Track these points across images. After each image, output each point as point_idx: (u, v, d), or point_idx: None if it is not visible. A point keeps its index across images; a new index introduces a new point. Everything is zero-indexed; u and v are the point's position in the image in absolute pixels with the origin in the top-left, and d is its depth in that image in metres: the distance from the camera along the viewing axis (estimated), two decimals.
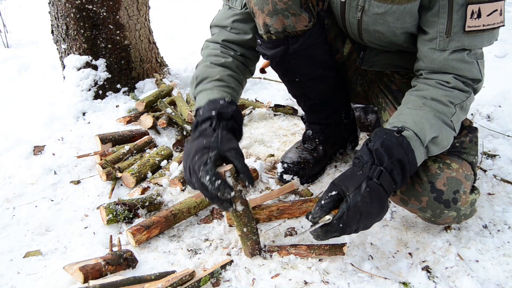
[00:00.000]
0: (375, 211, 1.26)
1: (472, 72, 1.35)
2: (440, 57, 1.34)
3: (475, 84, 1.38)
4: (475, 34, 1.29)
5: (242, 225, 1.39)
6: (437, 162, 1.41)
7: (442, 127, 1.32)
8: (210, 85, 1.49)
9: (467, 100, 1.36)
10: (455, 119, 1.34)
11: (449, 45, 1.32)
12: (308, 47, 1.56)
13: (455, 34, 1.30)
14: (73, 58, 2.65)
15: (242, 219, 1.38)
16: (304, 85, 1.74)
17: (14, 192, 1.90)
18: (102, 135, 2.17)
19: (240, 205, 1.35)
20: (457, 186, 1.40)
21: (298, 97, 1.88)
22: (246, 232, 1.41)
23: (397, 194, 1.49)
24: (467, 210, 1.45)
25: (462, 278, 1.37)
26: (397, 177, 1.26)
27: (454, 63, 1.33)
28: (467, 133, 1.49)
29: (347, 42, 1.70)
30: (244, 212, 1.37)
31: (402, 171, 1.26)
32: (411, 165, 1.27)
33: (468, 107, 1.39)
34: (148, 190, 1.89)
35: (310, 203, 1.66)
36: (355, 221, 1.23)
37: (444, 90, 1.35)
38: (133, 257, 1.47)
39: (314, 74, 1.69)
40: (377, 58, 1.67)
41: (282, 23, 1.47)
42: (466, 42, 1.30)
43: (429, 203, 1.41)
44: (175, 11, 5.20)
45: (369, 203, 1.23)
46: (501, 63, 3.20)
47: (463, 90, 1.35)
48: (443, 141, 1.33)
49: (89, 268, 1.37)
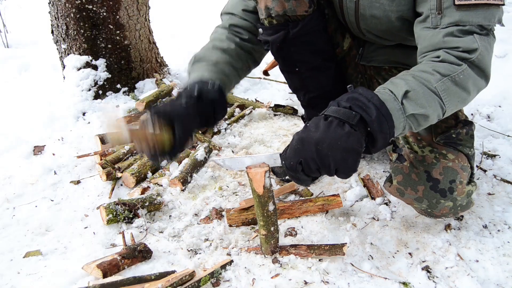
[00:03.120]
0: (320, 134, 1.12)
1: (465, 43, 1.23)
2: (433, 36, 1.29)
3: (472, 55, 1.23)
4: (467, 8, 1.23)
5: (270, 224, 1.40)
6: (433, 153, 1.44)
7: (419, 85, 1.20)
8: (204, 67, 1.50)
9: (460, 73, 1.22)
10: (440, 87, 1.21)
11: (441, 22, 1.27)
12: (308, 32, 1.58)
13: (446, 10, 1.26)
14: (73, 58, 2.65)
15: (272, 218, 1.39)
16: (304, 76, 1.75)
17: (14, 192, 1.90)
18: (102, 135, 2.17)
19: (272, 205, 1.37)
20: (453, 176, 1.41)
21: (298, 91, 1.89)
22: (273, 231, 1.42)
23: (393, 184, 1.51)
24: (464, 200, 1.47)
25: (462, 278, 1.37)
26: (357, 108, 1.14)
27: (446, 38, 1.26)
28: (463, 125, 1.49)
29: (346, 37, 1.72)
30: (274, 212, 1.39)
31: (361, 105, 1.15)
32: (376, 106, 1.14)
33: (467, 84, 1.24)
34: (148, 190, 1.89)
35: (310, 203, 1.66)
36: (297, 148, 1.15)
37: (432, 63, 1.26)
38: (147, 249, 1.51)
39: (314, 63, 1.70)
40: (375, 54, 1.69)
41: (282, 6, 1.49)
42: (459, 17, 1.24)
43: (425, 192, 1.43)
44: (175, 11, 5.20)
45: (310, 128, 1.14)
46: (501, 63, 3.19)
47: (453, 62, 1.23)
48: (420, 99, 1.19)
49: (106, 264, 1.40)
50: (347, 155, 1.09)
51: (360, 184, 1.86)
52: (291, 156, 1.16)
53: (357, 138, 1.10)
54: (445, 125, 1.50)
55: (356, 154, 1.10)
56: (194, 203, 1.81)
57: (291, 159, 1.16)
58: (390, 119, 1.14)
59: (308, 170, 1.14)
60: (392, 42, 1.62)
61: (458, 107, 1.28)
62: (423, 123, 1.22)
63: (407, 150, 1.51)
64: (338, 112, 1.13)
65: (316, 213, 1.67)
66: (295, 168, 1.15)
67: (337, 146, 1.09)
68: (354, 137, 1.10)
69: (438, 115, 1.23)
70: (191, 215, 1.73)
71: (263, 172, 1.27)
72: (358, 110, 1.13)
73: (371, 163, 2.03)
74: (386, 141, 1.16)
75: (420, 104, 1.18)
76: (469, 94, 1.26)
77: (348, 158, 1.10)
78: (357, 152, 1.10)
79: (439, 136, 1.48)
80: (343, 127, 1.11)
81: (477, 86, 1.27)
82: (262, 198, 1.33)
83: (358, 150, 1.10)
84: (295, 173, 1.16)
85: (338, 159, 1.10)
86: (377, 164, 2.01)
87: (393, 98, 1.16)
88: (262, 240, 1.45)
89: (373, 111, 1.13)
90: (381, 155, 2.09)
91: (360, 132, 1.12)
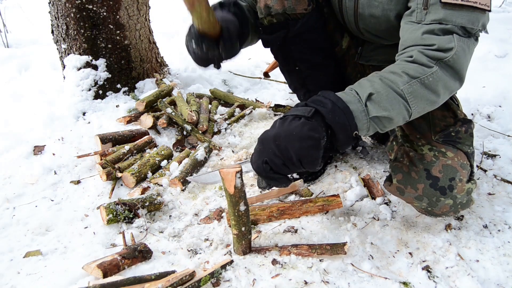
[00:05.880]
0: (276, 130, 1.16)
1: (441, 41, 1.23)
2: (414, 30, 1.29)
3: (446, 54, 1.22)
4: (453, 8, 1.23)
5: (241, 224, 1.41)
6: (432, 151, 1.45)
7: (384, 88, 1.21)
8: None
9: (429, 76, 1.21)
10: (407, 90, 1.20)
11: (426, 18, 1.27)
12: (308, 30, 1.59)
13: (432, 6, 1.26)
14: (73, 58, 2.65)
15: (243, 218, 1.40)
16: (304, 74, 1.76)
17: (14, 192, 1.90)
18: (102, 135, 2.17)
19: (243, 205, 1.38)
20: (452, 174, 1.41)
21: (298, 90, 1.90)
22: (244, 232, 1.43)
23: (393, 183, 1.51)
24: (464, 198, 1.47)
25: (462, 278, 1.37)
26: (312, 104, 1.18)
27: (425, 35, 1.26)
28: (462, 124, 1.50)
29: (345, 36, 1.73)
30: (246, 212, 1.40)
31: (317, 101, 1.19)
32: (332, 100, 1.17)
33: (436, 86, 1.23)
34: (148, 190, 1.89)
35: (310, 203, 1.66)
36: (259, 149, 1.20)
37: (403, 64, 1.25)
38: (147, 249, 1.52)
39: (313, 61, 1.71)
40: (374, 53, 1.69)
41: (282, 4, 1.51)
42: (443, 15, 1.24)
43: (425, 190, 1.43)
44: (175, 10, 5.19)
45: (269, 129, 1.20)
46: (501, 63, 3.19)
47: (423, 64, 1.22)
48: (383, 102, 1.19)
49: (106, 264, 1.40)
50: (304, 143, 1.11)
51: (360, 184, 1.86)
52: (256, 158, 1.21)
53: (311, 126, 1.12)
54: (444, 123, 1.50)
55: (314, 140, 1.12)
56: (194, 203, 1.81)
57: (256, 161, 1.21)
58: (347, 111, 1.17)
59: (276, 167, 1.17)
60: (390, 42, 1.62)
61: (426, 109, 1.28)
62: (387, 125, 1.24)
63: (407, 149, 1.51)
64: (294, 111, 1.17)
65: (316, 213, 1.67)
66: (262, 169, 1.19)
67: (292, 136, 1.12)
68: (308, 126, 1.12)
69: (404, 117, 1.24)
70: (191, 215, 1.73)
71: (234, 172, 1.30)
72: (312, 105, 1.17)
73: (371, 163, 2.03)
74: (348, 133, 1.17)
75: (383, 107, 1.20)
76: (439, 97, 1.26)
77: (305, 146, 1.11)
78: (314, 138, 1.11)
79: (438, 134, 1.48)
80: (298, 120, 1.14)
81: (449, 88, 1.26)
82: (233, 198, 1.35)
83: (314, 136, 1.11)
84: (266, 173, 1.19)
85: (297, 149, 1.11)
86: (377, 164, 2.01)
87: (358, 99, 1.19)
88: (234, 239, 1.46)
89: (328, 104, 1.16)
90: (381, 155, 2.09)
91: (317, 122, 1.14)
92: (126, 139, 2.23)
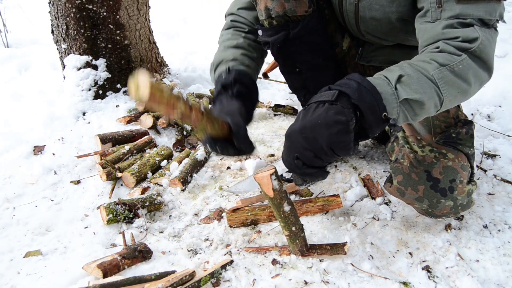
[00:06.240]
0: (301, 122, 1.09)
1: (464, 33, 1.20)
2: (433, 28, 1.27)
3: (472, 44, 1.19)
4: (468, 2, 1.22)
5: (290, 224, 1.38)
6: (433, 152, 1.44)
7: (414, 72, 1.16)
8: (226, 65, 1.51)
9: (459, 63, 1.18)
10: (438, 75, 1.16)
11: (442, 16, 1.25)
12: (308, 32, 1.58)
13: (447, 3, 1.24)
14: (73, 58, 2.65)
15: (290, 218, 1.37)
16: (304, 76, 1.75)
17: (14, 192, 1.90)
18: (102, 135, 2.17)
19: (287, 205, 1.34)
20: (453, 175, 1.41)
21: (298, 91, 1.89)
22: (295, 231, 1.40)
23: (393, 184, 1.51)
24: (464, 200, 1.47)
25: (462, 278, 1.37)
26: (335, 87, 1.12)
27: (445, 30, 1.23)
28: (463, 125, 1.49)
29: (346, 37, 1.72)
30: (291, 212, 1.37)
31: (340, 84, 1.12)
32: (357, 81, 1.11)
33: (466, 74, 1.19)
34: (148, 190, 1.89)
35: (310, 203, 1.66)
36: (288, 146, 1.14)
37: (430, 53, 1.22)
38: (147, 249, 1.51)
39: (314, 62, 1.70)
40: (374, 54, 1.69)
41: (283, 7, 1.50)
42: (459, 10, 1.22)
43: (426, 192, 1.43)
44: (175, 10, 5.19)
45: (293, 123, 1.13)
46: (501, 63, 3.19)
47: (452, 52, 1.19)
48: (414, 84, 1.14)
49: (106, 264, 1.40)
50: (332, 129, 1.03)
51: (360, 184, 1.86)
52: (286, 155, 1.16)
53: (337, 109, 1.04)
54: (445, 124, 1.50)
55: (342, 124, 1.03)
56: (194, 203, 1.81)
57: (287, 158, 1.15)
58: (374, 91, 1.09)
59: (308, 161, 1.11)
60: (391, 42, 1.62)
61: (458, 98, 1.23)
62: (418, 111, 1.17)
63: (407, 150, 1.51)
64: (317, 97, 1.10)
65: (316, 213, 1.67)
66: (295, 166, 1.13)
67: (319, 125, 1.04)
68: (334, 110, 1.04)
69: (435, 104, 1.18)
70: (191, 215, 1.73)
71: (268, 175, 1.26)
72: (336, 88, 1.10)
73: (371, 163, 2.03)
74: (376, 114, 1.09)
75: (414, 89, 1.13)
76: (470, 86, 1.21)
77: (334, 133, 1.03)
78: (342, 122, 1.03)
79: (439, 136, 1.48)
80: (322, 106, 1.07)
81: (479, 78, 1.23)
82: (275, 200, 1.32)
83: (342, 120, 1.03)
84: (299, 169, 1.13)
85: (326, 137, 1.04)
86: (377, 164, 2.01)
87: (387, 82, 1.13)
88: (287, 241, 1.44)
89: (353, 84, 1.09)
90: (381, 155, 2.09)
91: (342, 105, 1.06)
92: (126, 139, 2.23)
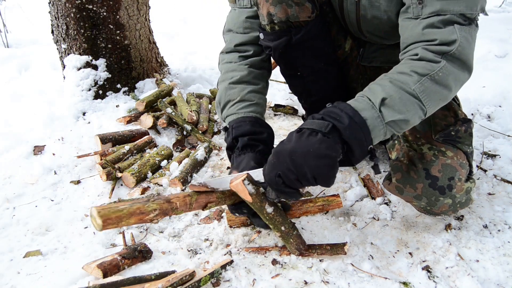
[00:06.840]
0: (293, 145, 1.15)
1: (443, 34, 1.20)
2: (414, 27, 1.27)
3: (451, 47, 1.20)
4: None
5: (279, 225, 1.38)
6: (432, 150, 1.45)
7: (396, 91, 1.19)
8: (233, 109, 1.54)
9: (439, 71, 1.20)
10: (419, 89, 1.19)
11: (423, 12, 1.25)
12: (311, 38, 1.57)
13: None
14: (73, 58, 2.65)
15: (276, 219, 1.36)
16: (306, 80, 1.75)
17: (14, 192, 1.90)
18: (102, 135, 2.17)
19: (269, 207, 1.33)
20: (452, 173, 1.41)
21: (299, 94, 1.89)
22: (286, 230, 1.40)
23: (392, 182, 1.51)
24: (463, 198, 1.47)
25: (462, 278, 1.37)
26: (329, 118, 1.16)
27: (425, 30, 1.23)
28: (462, 123, 1.50)
29: (348, 38, 1.72)
30: (276, 212, 1.36)
31: (334, 115, 1.17)
32: (349, 115, 1.16)
33: (447, 80, 1.21)
34: (148, 190, 1.89)
35: (310, 203, 1.66)
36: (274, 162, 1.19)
37: (410, 62, 1.24)
38: (147, 249, 1.51)
39: (316, 67, 1.69)
40: (376, 54, 1.68)
41: (285, 12, 1.48)
42: (439, 6, 1.21)
43: (424, 190, 1.43)
44: (175, 10, 5.19)
45: (285, 142, 1.19)
46: (501, 63, 3.19)
47: (431, 60, 1.21)
48: (397, 105, 1.18)
49: (106, 264, 1.40)
50: (320, 161, 1.10)
51: (360, 184, 1.86)
52: (269, 170, 1.20)
53: (329, 144, 1.11)
54: (444, 122, 1.50)
55: (330, 159, 1.11)
56: None
57: (269, 173, 1.20)
58: (364, 126, 1.16)
59: (288, 182, 1.17)
60: (393, 42, 1.61)
61: (440, 104, 1.27)
62: (404, 126, 1.23)
63: (406, 149, 1.51)
64: (311, 124, 1.16)
65: (316, 213, 1.67)
66: (275, 182, 1.18)
67: (309, 153, 1.11)
68: (326, 144, 1.11)
69: (420, 117, 1.23)
70: (191, 215, 1.73)
71: (241, 182, 1.25)
72: (330, 120, 1.15)
73: (371, 163, 2.03)
74: (364, 148, 1.17)
75: (398, 110, 1.19)
76: (451, 91, 1.24)
77: (322, 165, 1.11)
78: (330, 157, 1.11)
79: (438, 134, 1.48)
80: (315, 136, 1.13)
81: (460, 81, 1.25)
82: (255, 204, 1.30)
83: (331, 155, 1.11)
84: (277, 186, 1.19)
85: (313, 167, 1.11)
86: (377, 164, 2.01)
87: (371, 106, 1.18)
88: (282, 241, 1.44)
89: (346, 119, 1.15)
90: (381, 155, 2.09)
91: (334, 140, 1.13)
92: (126, 139, 2.23)
